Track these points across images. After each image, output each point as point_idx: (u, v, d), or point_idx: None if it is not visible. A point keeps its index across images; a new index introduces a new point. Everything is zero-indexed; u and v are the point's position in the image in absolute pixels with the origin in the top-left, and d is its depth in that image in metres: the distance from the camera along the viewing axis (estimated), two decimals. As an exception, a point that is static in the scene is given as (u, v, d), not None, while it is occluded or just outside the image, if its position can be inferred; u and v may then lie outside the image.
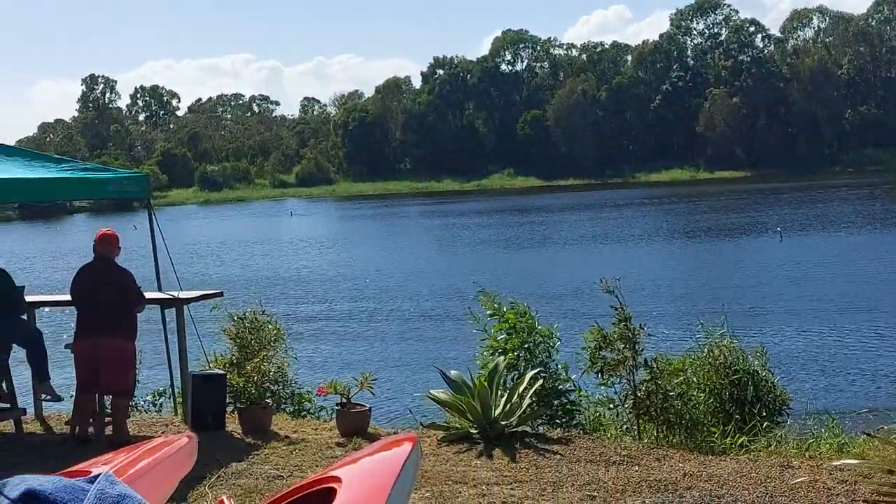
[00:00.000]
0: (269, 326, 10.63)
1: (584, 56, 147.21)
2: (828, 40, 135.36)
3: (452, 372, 9.82)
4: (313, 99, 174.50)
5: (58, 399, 10.63)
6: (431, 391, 9.83)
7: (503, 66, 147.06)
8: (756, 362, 9.74)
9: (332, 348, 25.95)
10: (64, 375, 11.60)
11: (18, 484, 2.18)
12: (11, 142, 11.42)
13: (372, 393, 9.97)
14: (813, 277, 35.08)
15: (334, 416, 9.94)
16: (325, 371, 19.02)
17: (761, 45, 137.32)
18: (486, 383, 9.25)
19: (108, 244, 9.66)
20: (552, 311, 23.78)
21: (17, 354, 10.43)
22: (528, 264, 44.30)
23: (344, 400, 9.75)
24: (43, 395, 10.61)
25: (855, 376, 19.86)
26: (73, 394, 10.28)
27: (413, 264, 45.57)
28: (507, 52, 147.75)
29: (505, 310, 10.23)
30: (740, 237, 51.99)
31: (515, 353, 9.98)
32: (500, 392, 9.34)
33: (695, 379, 9.45)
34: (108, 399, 10.00)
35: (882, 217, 58.99)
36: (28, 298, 10.77)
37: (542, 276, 39.07)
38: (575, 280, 36.02)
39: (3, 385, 10.14)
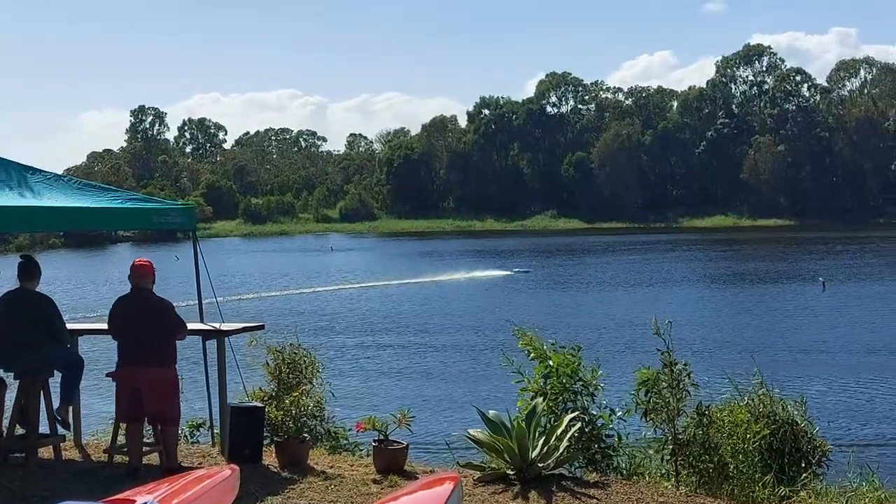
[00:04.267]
0: (307, 360, 10.64)
1: (629, 100, 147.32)
2: (874, 91, 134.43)
3: (491, 412, 9.77)
4: (359, 135, 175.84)
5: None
6: (470, 431, 9.78)
7: (548, 108, 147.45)
8: (795, 412, 9.63)
9: (370, 384, 25.96)
10: (108, 404, 11.66)
11: (64, 508, 2.21)
12: (59, 171, 11.44)
13: (409, 430, 9.94)
14: (856, 328, 34.74)
15: (371, 452, 9.92)
16: (364, 407, 19.03)
17: (807, 94, 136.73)
18: (524, 424, 9.20)
19: (143, 274, 9.71)
20: (587, 354, 23.64)
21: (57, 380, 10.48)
22: (565, 304, 44.14)
23: (381, 436, 9.72)
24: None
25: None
26: (112, 422, 10.34)
27: (452, 302, 45.56)
28: (552, 94, 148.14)
29: (547, 351, 10.11)
30: (783, 285, 51.55)
31: (555, 396, 9.89)
32: (537, 434, 9.29)
33: (735, 428, 9.34)
34: (149, 428, 10.03)
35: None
36: (70, 326, 10.86)
37: (577, 316, 38.93)
38: (612, 322, 35.90)
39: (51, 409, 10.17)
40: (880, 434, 19.25)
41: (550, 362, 9.92)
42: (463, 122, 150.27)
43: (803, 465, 9.30)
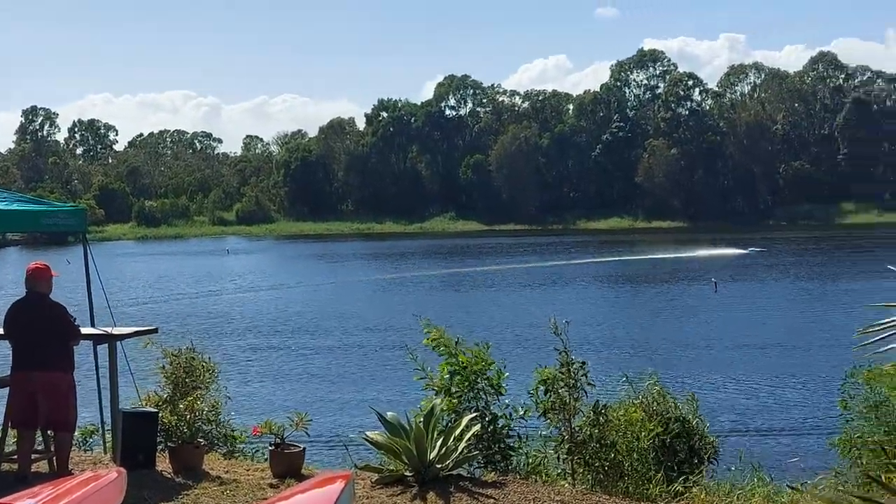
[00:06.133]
0: (203, 364, 10.50)
1: (526, 103, 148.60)
2: (763, 96, 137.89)
3: (389, 413, 9.73)
4: (256, 137, 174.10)
5: None
6: (367, 433, 9.73)
7: (447, 111, 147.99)
8: (686, 409, 9.79)
9: (267, 386, 25.72)
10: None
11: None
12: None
13: (307, 433, 9.86)
14: (744, 326, 35.56)
15: (268, 456, 9.81)
16: (261, 410, 18.84)
17: (699, 98, 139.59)
18: (422, 425, 9.18)
19: (39, 278, 9.51)
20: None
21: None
22: (462, 304, 44.28)
23: (278, 440, 9.63)
24: None
25: (782, 424, 20.16)
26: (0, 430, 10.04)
27: (351, 304, 45.40)
28: (450, 97, 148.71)
29: (456, 349, 9.97)
30: (677, 285, 52.50)
31: (459, 395, 9.81)
32: (436, 434, 9.27)
33: (629, 426, 9.46)
34: (47, 434, 9.79)
35: (811, 270, 60.09)
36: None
37: (476, 315, 39.06)
38: (510, 322, 36.14)
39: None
40: (767, 428, 19.77)
41: (459, 359, 9.82)
42: (361, 124, 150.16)
43: (696, 461, 9.48)
